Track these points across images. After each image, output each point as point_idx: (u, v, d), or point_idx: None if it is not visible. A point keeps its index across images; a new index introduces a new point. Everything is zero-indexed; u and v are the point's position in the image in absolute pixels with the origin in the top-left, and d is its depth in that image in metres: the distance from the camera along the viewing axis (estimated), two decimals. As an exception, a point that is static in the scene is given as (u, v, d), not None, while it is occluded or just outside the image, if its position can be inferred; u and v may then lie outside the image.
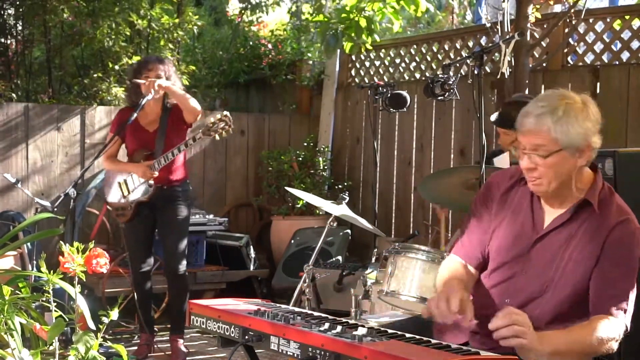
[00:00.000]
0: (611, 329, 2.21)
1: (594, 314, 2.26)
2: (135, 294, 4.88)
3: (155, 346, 4.89)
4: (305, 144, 7.41)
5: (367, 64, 7.32)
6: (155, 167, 4.61)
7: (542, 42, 5.46)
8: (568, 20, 5.38)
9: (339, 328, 2.10)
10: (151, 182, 4.63)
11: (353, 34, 5.45)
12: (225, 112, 4.54)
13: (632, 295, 2.28)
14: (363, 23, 5.43)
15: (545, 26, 5.45)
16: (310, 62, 7.89)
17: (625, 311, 2.26)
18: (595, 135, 2.30)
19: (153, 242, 4.82)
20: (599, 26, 5.35)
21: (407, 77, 6.91)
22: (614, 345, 2.23)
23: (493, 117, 4.32)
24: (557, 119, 2.24)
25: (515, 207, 2.46)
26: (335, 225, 4.21)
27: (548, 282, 2.32)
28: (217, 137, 4.55)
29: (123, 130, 4.65)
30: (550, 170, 2.28)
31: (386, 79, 6.96)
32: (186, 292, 4.69)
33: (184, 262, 4.70)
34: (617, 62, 5.28)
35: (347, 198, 4.26)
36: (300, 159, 7.12)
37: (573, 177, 2.32)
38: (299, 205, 6.82)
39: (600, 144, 2.33)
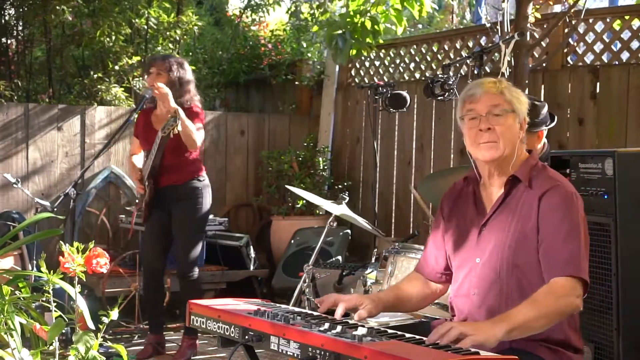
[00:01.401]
0: (567, 286, 2.24)
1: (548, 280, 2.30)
2: (143, 293, 4.87)
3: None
4: (305, 144, 7.41)
5: (367, 64, 7.32)
6: (144, 175, 4.62)
7: (542, 42, 5.46)
8: (568, 20, 5.38)
9: (339, 328, 2.10)
10: (147, 182, 4.65)
11: (359, 37, 5.44)
12: (174, 110, 4.38)
13: (584, 252, 2.30)
14: (368, 25, 5.41)
15: (545, 26, 5.45)
16: (310, 62, 7.89)
17: (579, 268, 2.27)
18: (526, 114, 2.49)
19: (168, 243, 4.78)
20: (599, 26, 5.34)
21: (407, 77, 6.91)
22: (577, 302, 2.25)
23: None
24: (505, 86, 2.46)
25: (463, 208, 2.59)
26: (335, 225, 4.21)
27: (500, 262, 2.39)
28: (171, 135, 4.34)
29: (136, 130, 4.76)
30: (507, 131, 2.41)
31: (386, 79, 6.96)
32: (194, 294, 4.51)
33: (193, 263, 4.63)
34: (617, 62, 5.27)
35: (347, 198, 4.26)
36: (300, 159, 7.12)
37: (516, 151, 2.44)
38: (299, 205, 6.82)
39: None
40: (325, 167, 7.22)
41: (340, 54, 5.53)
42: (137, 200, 4.94)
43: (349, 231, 6.34)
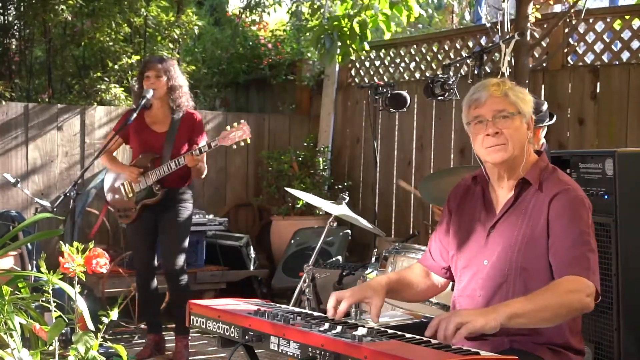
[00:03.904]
0: (577, 282, 2.21)
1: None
2: (138, 294, 4.87)
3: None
4: (305, 144, 7.41)
5: (367, 64, 7.32)
6: (153, 179, 4.62)
7: (542, 42, 5.46)
8: (568, 20, 5.38)
9: (339, 328, 2.10)
10: (157, 186, 4.63)
11: (348, 41, 5.44)
12: (242, 120, 4.52)
13: (594, 256, 2.29)
14: (357, 29, 5.42)
15: (545, 26, 5.45)
16: (310, 62, 7.89)
17: (589, 271, 2.25)
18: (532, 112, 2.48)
19: (155, 243, 4.79)
20: (599, 26, 5.35)
21: (407, 77, 6.91)
22: (587, 301, 2.20)
23: None
24: (509, 87, 2.44)
25: (470, 207, 2.57)
26: (335, 225, 4.20)
27: (508, 265, 2.37)
28: (234, 147, 4.52)
29: (124, 130, 4.66)
30: (515, 133, 2.40)
31: (386, 79, 6.96)
32: (185, 292, 4.64)
33: (183, 263, 4.66)
34: (617, 62, 5.27)
35: (347, 198, 4.26)
36: (300, 159, 7.12)
37: (525, 151, 2.43)
38: (299, 205, 6.82)
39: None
40: (325, 167, 7.21)
41: (327, 55, 5.54)
42: (116, 196, 4.87)
43: (349, 231, 6.34)
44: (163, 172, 4.57)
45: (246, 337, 2.25)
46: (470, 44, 6.28)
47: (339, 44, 5.48)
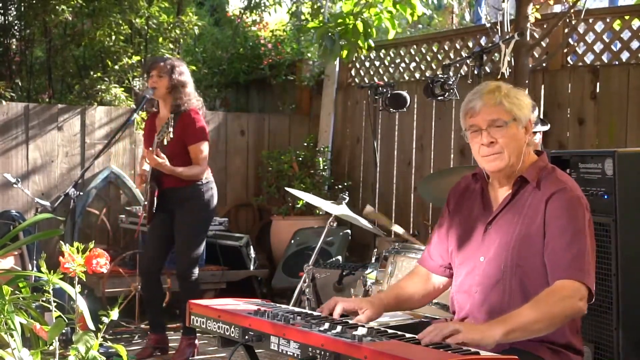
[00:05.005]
0: (569, 288, 2.23)
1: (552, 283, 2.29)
2: (142, 294, 4.87)
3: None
4: (305, 144, 7.41)
5: (367, 64, 7.32)
6: (148, 177, 4.61)
7: (542, 42, 5.46)
8: (568, 20, 5.38)
9: (339, 328, 2.10)
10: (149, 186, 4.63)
11: (352, 38, 5.44)
12: (171, 114, 4.46)
13: (589, 257, 2.29)
14: (361, 27, 5.43)
15: (545, 26, 5.45)
16: (310, 62, 7.89)
17: (583, 272, 2.26)
18: (532, 114, 2.46)
19: (168, 245, 4.76)
20: (599, 26, 5.35)
21: (407, 77, 6.91)
22: (580, 305, 2.23)
23: None
24: (504, 94, 2.41)
25: (469, 204, 2.58)
26: (335, 225, 4.20)
27: (504, 262, 2.39)
28: (165, 142, 4.40)
29: (128, 128, 4.71)
30: (511, 141, 2.40)
31: (386, 79, 6.96)
32: (193, 294, 4.51)
33: (193, 264, 4.63)
34: (617, 62, 5.27)
35: (347, 198, 4.26)
36: (300, 159, 7.12)
37: (522, 155, 2.43)
38: (299, 205, 6.82)
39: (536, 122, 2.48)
40: (325, 167, 7.21)
41: (330, 53, 5.54)
42: (145, 203, 4.92)
43: (349, 231, 6.34)
44: (148, 173, 4.60)
45: (246, 337, 2.26)
46: (470, 44, 6.28)
47: (343, 42, 5.47)
